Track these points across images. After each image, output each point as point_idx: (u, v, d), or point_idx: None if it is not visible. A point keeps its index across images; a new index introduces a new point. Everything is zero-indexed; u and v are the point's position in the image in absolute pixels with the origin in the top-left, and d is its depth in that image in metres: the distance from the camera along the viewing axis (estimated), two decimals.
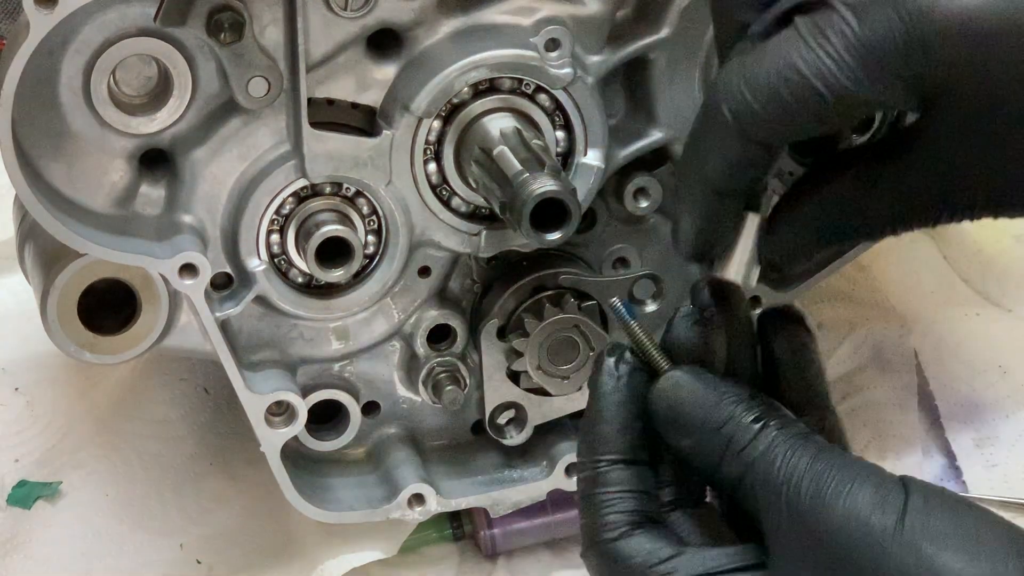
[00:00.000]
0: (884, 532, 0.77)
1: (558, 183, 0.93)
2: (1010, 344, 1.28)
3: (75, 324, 1.01)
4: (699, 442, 0.84)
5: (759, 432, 0.82)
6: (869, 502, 0.78)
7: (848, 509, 0.78)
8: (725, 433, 0.83)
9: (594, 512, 0.85)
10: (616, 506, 0.85)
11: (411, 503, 1.08)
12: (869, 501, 0.78)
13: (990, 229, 1.36)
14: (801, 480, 0.80)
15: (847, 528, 0.77)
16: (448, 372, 1.09)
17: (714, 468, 0.83)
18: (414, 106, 0.98)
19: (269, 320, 1.06)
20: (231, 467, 1.21)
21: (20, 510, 1.18)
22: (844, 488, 0.78)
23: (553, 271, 1.07)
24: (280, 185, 1.01)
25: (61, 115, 0.97)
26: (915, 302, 1.32)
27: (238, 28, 0.94)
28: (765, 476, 0.81)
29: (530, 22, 1.00)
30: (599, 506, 0.85)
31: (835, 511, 0.78)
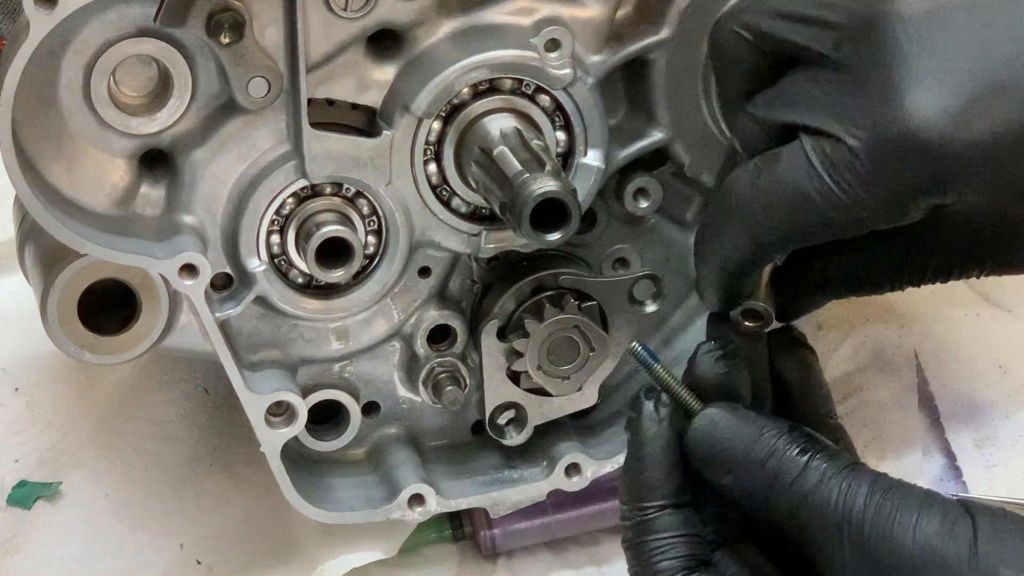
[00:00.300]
0: (960, 561, 0.76)
1: (558, 183, 0.93)
2: (1010, 344, 1.28)
3: (75, 324, 1.01)
4: (743, 478, 0.84)
5: (807, 464, 0.82)
6: (938, 532, 0.77)
7: (919, 541, 0.77)
8: (770, 468, 0.83)
9: (645, 560, 0.85)
10: (668, 552, 0.84)
11: (411, 503, 1.08)
12: (938, 531, 0.77)
13: None
14: (863, 513, 0.79)
15: (919, 559, 0.77)
16: (448, 372, 1.09)
17: (760, 504, 0.83)
18: (414, 106, 0.98)
19: (269, 320, 1.06)
20: (231, 467, 1.21)
21: (20, 510, 1.18)
22: (910, 519, 0.78)
23: (553, 271, 1.07)
24: (280, 185, 1.01)
25: (61, 115, 0.97)
26: (915, 302, 1.32)
27: (238, 28, 0.94)
28: (822, 510, 0.80)
29: (530, 22, 1.00)
30: (651, 553, 0.84)
31: (904, 543, 0.77)
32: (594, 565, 1.16)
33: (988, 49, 0.79)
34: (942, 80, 0.78)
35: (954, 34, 0.79)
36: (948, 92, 0.78)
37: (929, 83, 0.78)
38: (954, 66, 0.78)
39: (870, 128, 0.79)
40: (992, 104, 0.78)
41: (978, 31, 0.79)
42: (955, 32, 0.79)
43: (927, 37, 0.79)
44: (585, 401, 1.11)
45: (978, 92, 0.78)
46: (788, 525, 0.82)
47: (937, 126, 0.78)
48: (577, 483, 1.11)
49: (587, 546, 1.18)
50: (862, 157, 0.80)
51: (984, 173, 0.79)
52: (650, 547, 0.85)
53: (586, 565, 1.16)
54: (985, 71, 0.78)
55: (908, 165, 0.79)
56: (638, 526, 0.85)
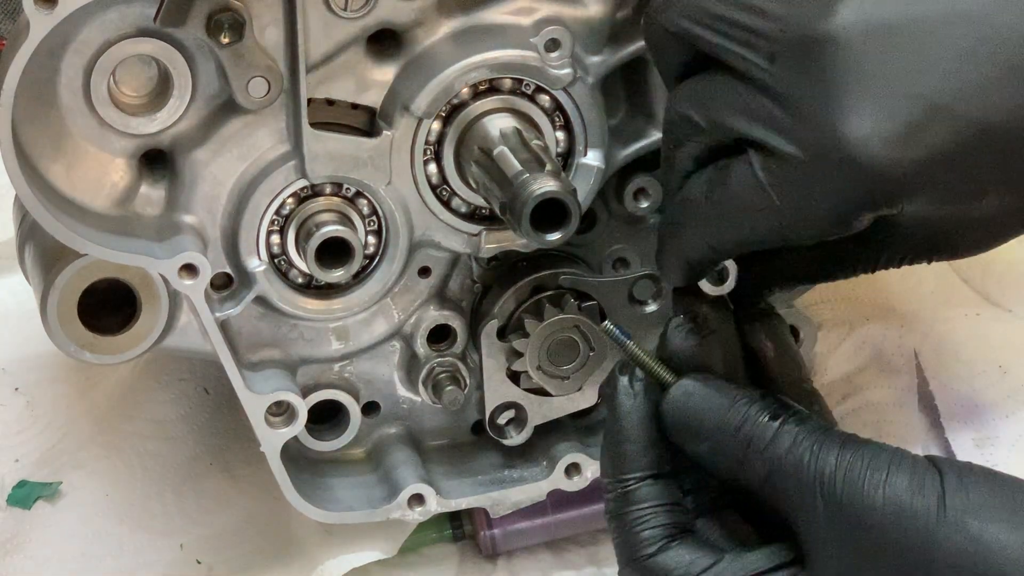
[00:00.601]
0: (928, 514, 0.79)
1: (558, 183, 0.93)
2: (1010, 344, 1.28)
3: (75, 324, 1.01)
4: (718, 445, 0.86)
5: (779, 429, 0.84)
6: (907, 487, 0.80)
7: (889, 497, 0.80)
8: (744, 434, 0.85)
9: (628, 530, 0.87)
10: (650, 521, 0.86)
11: (411, 503, 1.08)
12: (907, 486, 0.80)
13: None
14: (835, 472, 0.81)
15: (890, 515, 0.79)
16: (448, 372, 1.09)
17: (736, 470, 0.85)
18: (414, 107, 0.98)
19: (269, 320, 1.06)
20: (231, 467, 1.21)
21: (20, 510, 1.18)
22: (880, 476, 0.80)
23: (553, 271, 1.07)
24: (280, 185, 1.01)
25: (61, 115, 0.97)
26: (915, 302, 1.32)
27: (238, 28, 0.94)
28: (795, 472, 0.83)
29: (530, 22, 1.00)
30: (633, 523, 0.86)
31: (875, 499, 0.80)
32: (594, 565, 1.16)
33: (924, 72, 0.80)
34: (879, 104, 0.80)
35: (890, 57, 0.81)
36: (885, 116, 0.80)
37: (866, 107, 0.80)
38: (891, 90, 0.80)
39: (812, 150, 0.82)
40: (929, 126, 0.80)
41: (914, 54, 0.81)
42: (891, 55, 0.81)
43: (864, 61, 0.81)
44: (585, 401, 1.11)
45: (915, 115, 0.80)
46: (764, 489, 0.84)
47: (875, 149, 0.80)
48: (577, 483, 1.11)
49: (587, 546, 1.18)
50: (806, 177, 0.82)
51: (924, 190, 0.81)
52: (632, 517, 0.87)
53: (586, 565, 1.16)
54: (921, 94, 0.80)
55: (849, 186, 0.81)
56: (620, 498, 0.87)
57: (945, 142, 0.80)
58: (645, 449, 0.88)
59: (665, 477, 0.88)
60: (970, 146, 0.81)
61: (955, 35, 0.80)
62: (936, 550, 0.79)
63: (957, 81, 0.80)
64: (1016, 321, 1.32)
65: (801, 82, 0.82)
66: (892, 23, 0.81)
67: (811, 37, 0.82)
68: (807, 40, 0.82)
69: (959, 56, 0.80)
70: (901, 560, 0.79)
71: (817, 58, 0.82)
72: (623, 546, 0.88)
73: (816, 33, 0.82)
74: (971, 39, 0.80)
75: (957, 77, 0.80)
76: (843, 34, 0.81)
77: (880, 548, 0.80)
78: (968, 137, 0.80)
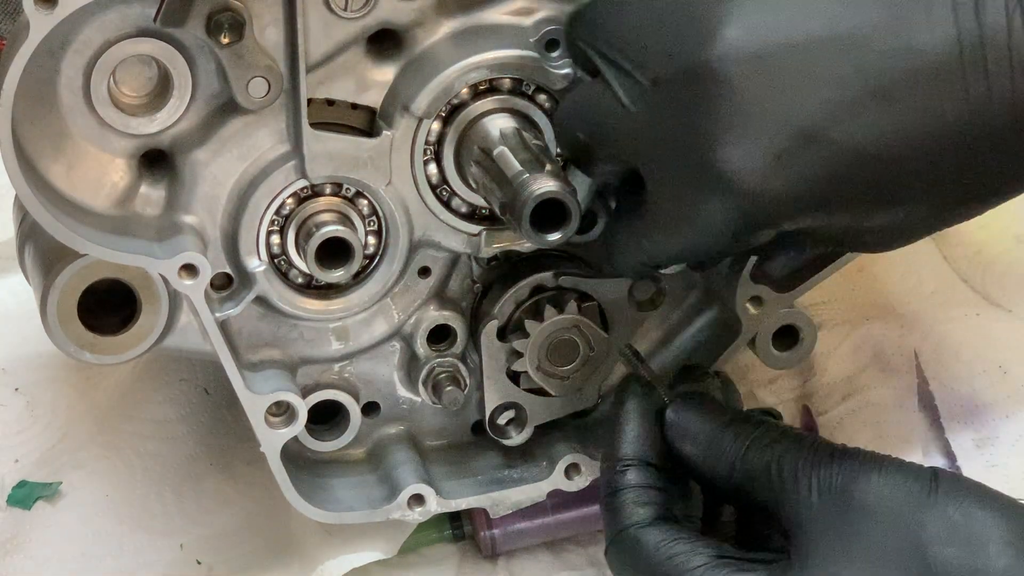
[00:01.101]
0: (920, 492, 0.85)
1: (558, 184, 0.93)
2: (1010, 344, 1.28)
3: (75, 324, 1.01)
4: (716, 444, 0.94)
5: (781, 433, 0.92)
6: (900, 472, 0.87)
7: (883, 483, 0.86)
8: (744, 432, 0.93)
9: (618, 508, 0.94)
10: (640, 499, 0.94)
11: (411, 503, 1.08)
12: (900, 471, 0.87)
13: (991, 230, 1.36)
14: (831, 465, 0.88)
15: (883, 498, 0.85)
16: (448, 372, 1.09)
17: (731, 467, 0.92)
18: (414, 107, 0.98)
19: (269, 320, 1.06)
20: (231, 467, 1.21)
21: (20, 510, 1.17)
22: (875, 467, 0.87)
23: (553, 272, 1.07)
24: (280, 186, 1.01)
25: (61, 115, 0.97)
26: (915, 302, 1.32)
27: (238, 28, 0.94)
28: (793, 464, 0.89)
29: (530, 22, 0.99)
30: (623, 503, 0.94)
31: (869, 486, 0.86)
32: (594, 566, 1.16)
33: (798, 100, 0.83)
34: (752, 134, 0.84)
35: (765, 87, 0.83)
36: (757, 146, 0.84)
37: (740, 138, 0.84)
38: (764, 120, 0.83)
39: (688, 179, 0.87)
40: (800, 154, 0.83)
41: (789, 83, 0.83)
42: (766, 85, 0.83)
43: (739, 92, 0.84)
44: (585, 401, 1.11)
45: (786, 144, 0.83)
46: (757, 485, 0.91)
47: (747, 179, 0.84)
48: (577, 483, 1.11)
49: (587, 546, 1.18)
50: (685, 203, 0.88)
51: (802, 213, 0.86)
52: (623, 496, 0.94)
53: (586, 566, 1.16)
54: (794, 122, 0.83)
55: (726, 213, 0.86)
56: (615, 479, 0.95)
57: (818, 168, 0.83)
58: (642, 439, 0.96)
59: (659, 468, 0.95)
60: (843, 170, 0.83)
61: (830, 61, 0.83)
62: (927, 522, 0.84)
63: (830, 107, 0.82)
64: (1016, 321, 1.31)
65: (678, 112, 0.86)
66: (769, 53, 0.83)
67: (689, 68, 0.85)
68: (686, 70, 0.85)
69: (832, 83, 0.82)
70: (892, 531, 0.84)
71: (695, 89, 0.85)
72: (611, 523, 0.94)
73: (694, 65, 0.85)
74: (845, 65, 0.82)
75: (830, 103, 0.82)
76: (720, 66, 0.84)
77: (872, 526, 0.85)
78: (841, 162, 0.83)
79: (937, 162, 0.83)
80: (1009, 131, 0.81)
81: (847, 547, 0.85)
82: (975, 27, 0.80)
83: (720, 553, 0.90)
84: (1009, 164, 0.83)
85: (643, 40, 0.89)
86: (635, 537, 0.92)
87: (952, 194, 0.85)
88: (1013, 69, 0.80)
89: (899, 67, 0.81)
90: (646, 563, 0.91)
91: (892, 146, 0.83)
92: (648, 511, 0.93)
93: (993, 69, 0.80)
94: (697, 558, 0.89)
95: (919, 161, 0.83)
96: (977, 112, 0.81)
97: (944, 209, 0.86)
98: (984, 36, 0.80)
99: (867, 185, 0.84)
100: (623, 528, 0.93)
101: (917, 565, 0.83)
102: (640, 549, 0.91)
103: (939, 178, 0.84)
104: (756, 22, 0.84)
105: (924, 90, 0.81)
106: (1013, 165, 0.83)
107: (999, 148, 0.82)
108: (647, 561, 0.91)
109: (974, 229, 1.35)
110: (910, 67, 0.81)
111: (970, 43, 0.80)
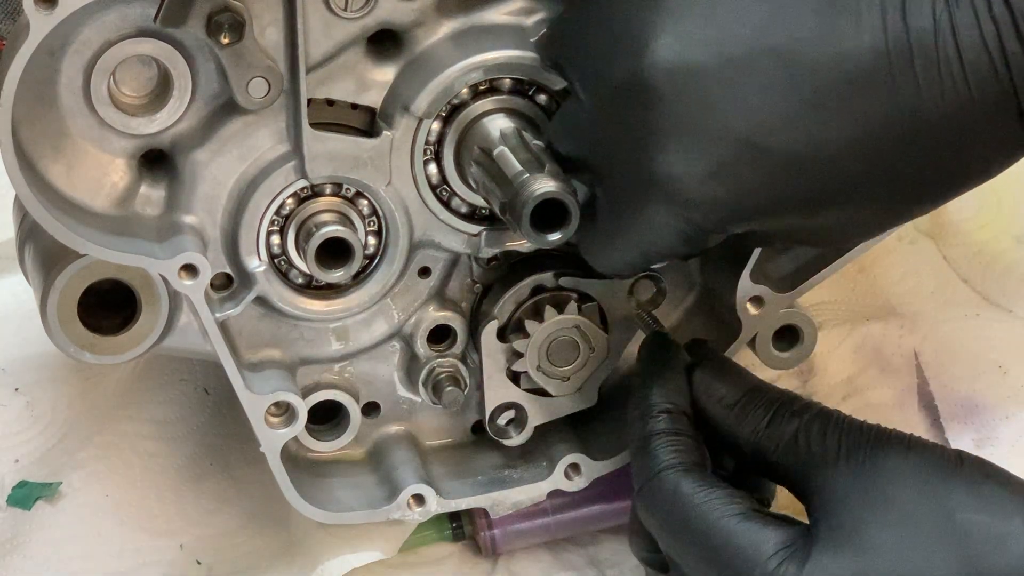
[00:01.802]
0: (949, 466, 0.89)
1: (558, 184, 0.93)
2: (1010, 344, 1.28)
3: (75, 325, 1.01)
4: (748, 405, 0.97)
5: (807, 404, 0.96)
6: (929, 450, 0.90)
7: (911, 453, 0.90)
8: (771, 398, 0.96)
9: (655, 452, 0.96)
10: (676, 444, 0.96)
11: (411, 504, 1.08)
12: (929, 450, 0.90)
13: (991, 230, 1.36)
14: (860, 435, 0.92)
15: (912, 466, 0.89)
16: (448, 373, 1.09)
17: (759, 431, 0.96)
18: (414, 107, 0.98)
19: (269, 320, 1.06)
20: (231, 467, 1.21)
21: (20, 510, 1.17)
22: (903, 440, 0.91)
23: (553, 272, 1.07)
24: (280, 186, 1.01)
25: (61, 116, 0.97)
26: (915, 302, 1.32)
27: (238, 29, 0.94)
28: (822, 432, 0.93)
29: (530, 22, 0.99)
30: (660, 447, 0.96)
31: (899, 456, 0.90)
32: (594, 566, 1.16)
33: (732, 110, 0.85)
34: (690, 145, 0.86)
35: (701, 99, 0.85)
36: (696, 156, 0.86)
37: (678, 149, 0.86)
38: (700, 131, 0.85)
39: (637, 186, 0.89)
40: (738, 162, 0.85)
41: (723, 93, 0.85)
42: (701, 97, 0.85)
43: (675, 104, 0.85)
44: (585, 401, 1.11)
45: (724, 153, 0.85)
46: (784, 449, 0.94)
47: (689, 188, 0.87)
48: (577, 483, 1.11)
49: (587, 547, 1.18)
50: (637, 210, 0.90)
51: (747, 217, 0.88)
52: (652, 444, 0.96)
53: (586, 566, 1.16)
54: (730, 132, 0.85)
55: (673, 220, 0.88)
56: (647, 426, 0.97)
57: (757, 176, 0.85)
58: (676, 389, 0.99)
59: (688, 418, 0.97)
60: (783, 177, 0.85)
61: (762, 71, 0.84)
62: (955, 489, 0.87)
63: (764, 117, 0.84)
64: (1016, 321, 1.32)
65: (621, 125, 0.88)
66: (701, 65, 0.85)
67: (626, 81, 0.87)
68: (623, 84, 0.87)
69: (765, 91, 0.84)
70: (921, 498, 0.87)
71: (632, 102, 0.87)
72: (645, 467, 0.95)
73: (629, 77, 0.87)
74: (778, 75, 0.83)
75: (764, 113, 0.84)
76: (652, 79, 0.86)
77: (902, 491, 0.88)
78: (780, 169, 0.85)
79: (875, 164, 0.84)
80: (943, 129, 0.82)
81: (876, 512, 0.87)
82: (903, 31, 0.81)
83: (754, 506, 0.92)
84: (950, 161, 0.84)
85: (588, 55, 0.91)
86: (674, 481, 0.93)
87: (898, 193, 0.86)
88: (940, 70, 0.81)
89: (830, 75, 0.82)
90: (682, 507, 0.92)
91: (829, 152, 0.84)
92: (685, 457, 0.95)
93: (921, 72, 0.81)
94: (733, 507, 0.91)
95: (856, 164, 0.84)
96: (909, 114, 0.82)
97: (893, 207, 0.88)
98: (911, 39, 0.81)
99: (808, 189, 0.86)
100: (661, 470, 0.94)
101: (945, 529, 0.86)
102: (678, 493, 0.93)
103: (879, 179, 0.85)
104: (687, 34, 0.85)
105: (856, 96, 0.82)
106: (955, 161, 0.84)
107: (936, 147, 0.83)
108: (684, 504, 0.92)
109: (974, 229, 1.35)
110: (841, 74, 0.82)
111: (898, 47, 0.81)
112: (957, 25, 0.80)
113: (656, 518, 0.94)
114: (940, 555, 0.85)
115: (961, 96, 0.81)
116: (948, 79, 0.81)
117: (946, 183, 0.86)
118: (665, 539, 0.95)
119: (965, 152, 0.84)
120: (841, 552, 0.87)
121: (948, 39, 0.80)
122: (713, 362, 1.01)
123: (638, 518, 0.98)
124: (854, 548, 0.87)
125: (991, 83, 0.81)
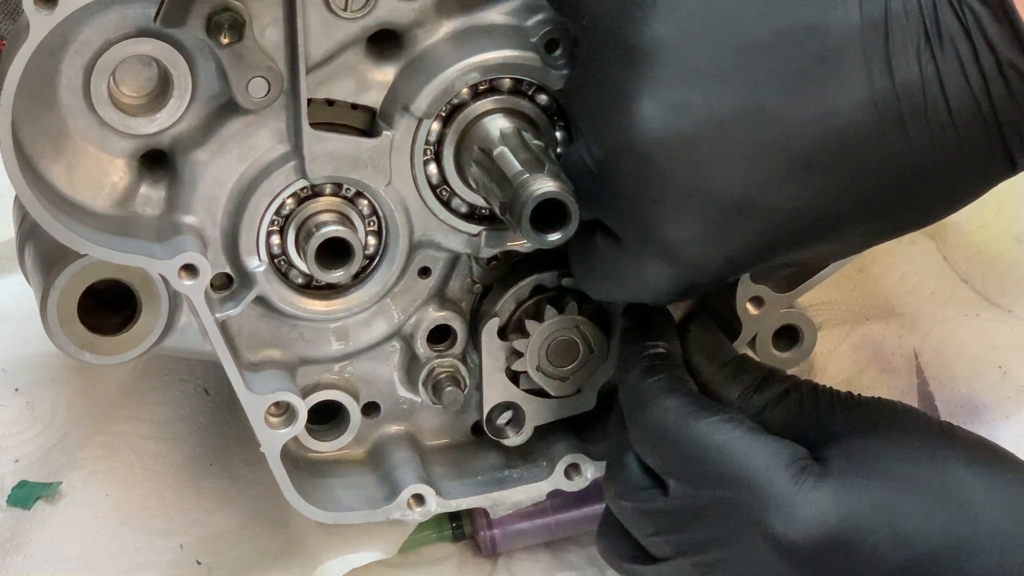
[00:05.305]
0: (944, 428, 0.91)
1: (558, 184, 0.93)
2: (1010, 345, 1.28)
3: (75, 325, 1.01)
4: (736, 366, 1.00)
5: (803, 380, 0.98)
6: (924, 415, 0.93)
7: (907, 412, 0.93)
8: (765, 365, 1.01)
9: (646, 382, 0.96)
10: (673, 372, 0.97)
11: (411, 503, 1.08)
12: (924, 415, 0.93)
13: (990, 230, 1.36)
14: (851, 396, 0.94)
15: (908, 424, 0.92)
16: (448, 373, 1.09)
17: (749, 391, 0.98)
18: (414, 107, 0.98)
19: (269, 321, 1.06)
20: (231, 467, 1.21)
21: (20, 510, 1.17)
22: (897, 404, 0.94)
23: (553, 272, 1.07)
24: (280, 186, 1.01)
25: (61, 116, 0.97)
26: (915, 302, 1.32)
27: (238, 29, 0.94)
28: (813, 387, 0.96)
29: (530, 22, 0.99)
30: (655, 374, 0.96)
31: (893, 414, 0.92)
32: (594, 566, 1.16)
33: (724, 173, 0.85)
34: (685, 210, 0.87)
35: (692, 164, 0.86)
36: (692, 220, 0.87)
37: (675, 214, 0.87)
38: (694, 195, 0.86)
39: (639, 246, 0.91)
40: (733, 223, 0.86)
41: (714, 157, 0.85)
42: (692, 162, 0.86)
43: (667, 172, 0.86)
44: (584, 405, 1.11)
45: (718, 216, 0.86)
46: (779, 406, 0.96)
47: (689, 249, 0.88)
48: (577, 483, 1.11)
49: (587, 547, 1.18)
50: (638, 264, 0.92)
51: (743, 269, 0.93)
52: (645, 378, 0.97)
53: (586, 566, 1.16)
54: (722, 195, 0.86)
55: (673, 277, 0.90)
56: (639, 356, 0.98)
57: (753, 234, 0.87)
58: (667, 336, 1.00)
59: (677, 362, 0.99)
60: (778, 232, 0.87)
61: (750, 134, 0.84)
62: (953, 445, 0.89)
63: (756, 179, 0.85)
64: (1016, 321, 1.32)
65: (619, 185, 0.89)
66: (688, 130, 0.85)
67: (618, 146, 0.88)
68: (613, 151, 0.89)
69: (755, 153, 0.84)
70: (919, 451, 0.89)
71: (626, 167, 0.88)
72: (637, 399, 0.96)
73: (621, 144, 0.88)
74: (766, 136, 0.84)
75: (756, 175, 0.85)
76: (642, 147, 0.86)
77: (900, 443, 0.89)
78: (775, 225, 0.86)
79: (867, 207, 0.86)
80: (931, 171, 0.84)
81: (874, 461, 0.88)
82: (889, 84, 0.82)
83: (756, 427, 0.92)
84: (939, 194, 0.86)
85: (586, 116, 0.92)
86: (677, 400, 0.94)
87: (888, 223, 0.88)
88: (929, 120, 0.82)
89: (819, 133, 0.83)
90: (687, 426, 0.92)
91: (821, 203, 0.85)
92: (684, 385, 0.96)
93: (910, 122, 0.82)
94: (741, 425, 0.91)
95: (849, 210, 0.86)
96: (898, 162, 0.83)
97: (882, 234, 0.90)
98: (899, 92, 0.82)
99: (802, 236, 0.88)
100: (661, 392, 0.95)
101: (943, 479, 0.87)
102: (683, 412, 0.93)
103: (871, 216, 0.87)
104: (672, 97, 0.85)
105: (847, 152, 0.83)
106: (943, 193, 0.86)
107: (925, 186, 0.85)
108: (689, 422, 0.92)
109: (974, 229, 1.35)
110: (830, 131, 0.83)
111: (885, 101, 0.82)
112: (944, 75, 0.81)
113: (657, 439, 0.94)
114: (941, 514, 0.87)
115: (949, 140, 0.82)
116: (937, 128, 0.82)
117: (935, 211, 0.88)
118: (668, 462, 0.94)
119: (953, 186, 0.85)
120: (862, 473, 0.87)
121: (935, 90, 0.81)
122: (707, 322, 1.03)
123: (611, 516, 0.98)
124: (871, 472, 0.87)
125: (978, 126, 0.82)
